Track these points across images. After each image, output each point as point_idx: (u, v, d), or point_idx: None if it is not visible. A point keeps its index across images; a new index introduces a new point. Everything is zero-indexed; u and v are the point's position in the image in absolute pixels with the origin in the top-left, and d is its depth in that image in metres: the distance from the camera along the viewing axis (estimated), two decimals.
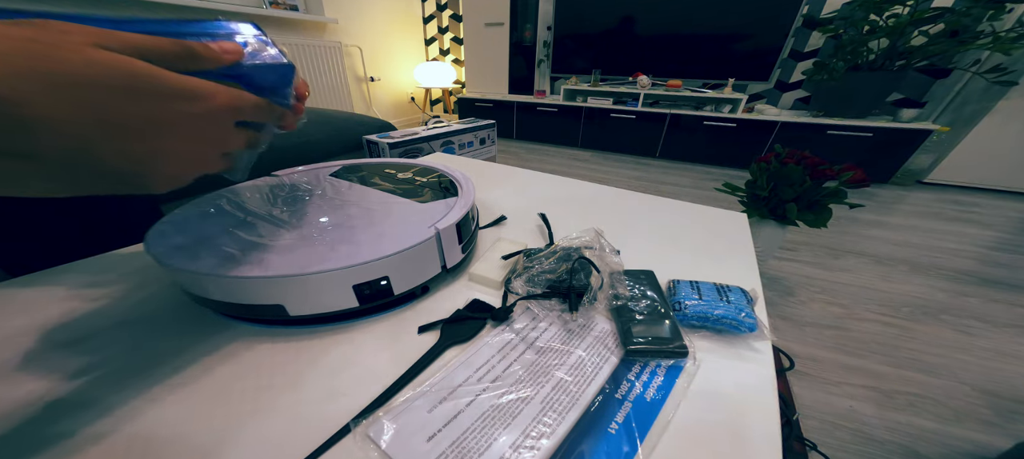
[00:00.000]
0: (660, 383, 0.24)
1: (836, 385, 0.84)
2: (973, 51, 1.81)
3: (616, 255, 0.33)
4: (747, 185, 1.16)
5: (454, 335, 0.27)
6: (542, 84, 3.17)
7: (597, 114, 2.81)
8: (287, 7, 2.45)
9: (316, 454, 0.19)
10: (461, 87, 3.67)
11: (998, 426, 0.75)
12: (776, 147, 1.16)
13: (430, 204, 0.35)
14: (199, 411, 0.22)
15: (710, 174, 2.38)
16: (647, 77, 2.64)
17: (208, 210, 0.33)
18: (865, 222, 1.70)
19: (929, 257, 1.42)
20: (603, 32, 2.76)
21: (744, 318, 0.27)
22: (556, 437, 0.20)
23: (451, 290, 0.33)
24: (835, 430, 0.74)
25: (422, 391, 0.22)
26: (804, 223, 1.05)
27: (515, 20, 2.90)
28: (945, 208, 1.90)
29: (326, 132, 1.15)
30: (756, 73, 2.41)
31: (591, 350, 0.26)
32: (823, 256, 1.40)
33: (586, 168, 2.50)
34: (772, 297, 1.15)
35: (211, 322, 0.29)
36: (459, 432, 0.20)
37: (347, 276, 0.26)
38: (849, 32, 2.00)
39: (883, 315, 1.08)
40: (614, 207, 0.51)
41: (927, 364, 0.91)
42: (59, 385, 0.23)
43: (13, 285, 0.33)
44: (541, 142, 3.20)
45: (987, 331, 1.02)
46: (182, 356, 0.25)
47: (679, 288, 0.31)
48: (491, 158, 1.61)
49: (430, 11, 3.52)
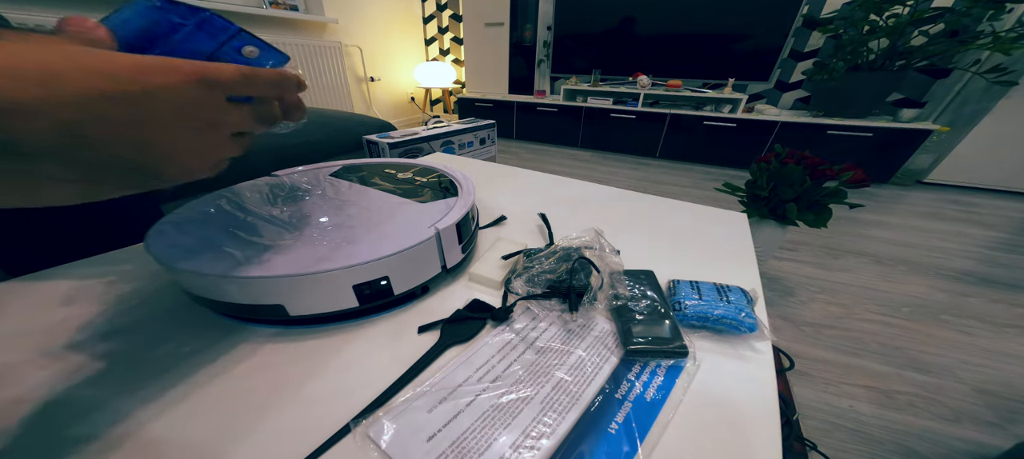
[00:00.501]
0: (660, 383, 0.24)
1: (836, 385, 0.84)
2: (973, 51, 1.81)
3: (616, 255, 0.33)
4: (747, 185, 1.16)
5: (454, 335, 0.27)
6: (542, 84, 3.17)
7: (597, 114, 2.81)
8: (287, 7, 2.45)
9: (316, 454, 0.19)
10: (461, 87, 3.66)
11: (997, 426, 0.75)
12: (776, 147, 1.16)
13: (430, 204, 0.35)
14: (199, 411, 0.22)
15: (710, 174, 2.38)
16: (647, 77, 2.64)
17: (208, 210, 0.33)
18: (865, 222, 1.70)
19: (929, 257, 1.42)
20: (603, 32, 2.76)
21: (744, 318, 0.27)
22: (556, 437, 0.20)
23: (451, 290, 0.33)
24: (835, 430, 0.74)
25: (422, 391, 0.22)
26: (804, 223, 1.05)
27: (515, 20, 2.90)
28: (945, 208, 1.90)
29: (326, 132, 1.15)
30: (756, 73, 2.41)
31: (591, 350, 0.26)
32: (823, 256, 1.40)
33: (586, 168, 2.49)
34: (772, 297, 1.15)
35: (211, 322, 0.29)
36: (459, 432, 0.20)
37: (347, 276, 0.26)
38: (849, 32, 2.00)
39: (883, 315, 1.08)
40: (614, 207, 0.51)
41: (927, 364, 0.91)
42: (59, 385, 0.23)
43: (13, 285, 0.33)
44: (541, 142, 3.20)
45: (987, 331, 1.02)
46: (182, 356, 0.25)
47: (679, 288, 0.31)
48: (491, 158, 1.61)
49: (430, 11, 3.52)
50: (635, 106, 2.66)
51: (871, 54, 1.99)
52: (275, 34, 2.41)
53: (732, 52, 2.43)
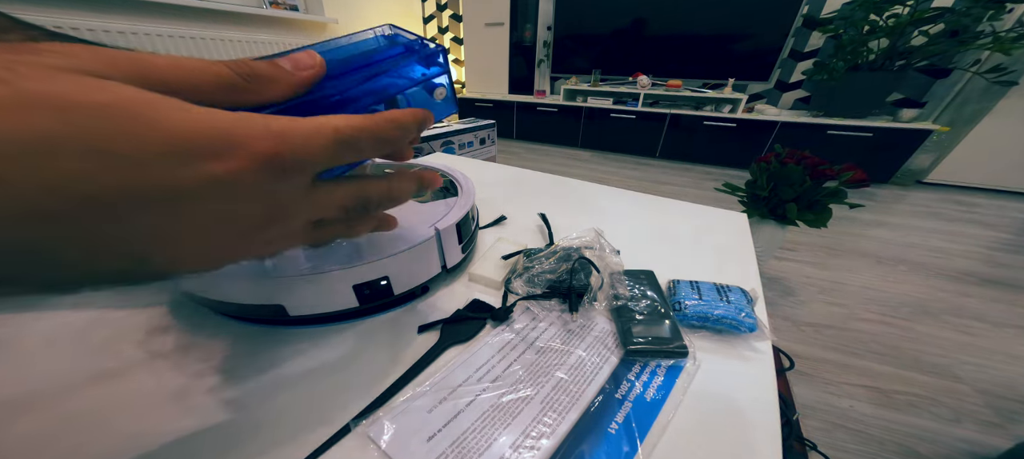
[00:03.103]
0: (660, 383, 0.24)
1: (836, 385, 0.84)
2: (973, 51, 1.81)
3: (616, 255, 0.33)
4: (747, 185, 1.16)
5: (454, 335, 0.27)
6: (542, 84, 3.17)
7: (597, 114, 2.81)
8: (287, 7, 2.45)
9: (316, 454, 0.19)
10: (461, 87, 3.67)
11: (998, 426, 0.75)
12: (776, 147, 1.16)
13: (430, 204, 0.35)
14: (198, 411, 0.22)
15: (710, 174, 2.38)
16: (647, 77, 2.64)
17: None
18: (865, 222, 1.70)
19: (929, 257, 1.42)
20: (603, 32, 2.76)
21: (744, 318, 0.27)
22: (556, 437, 0.20)
23: (451, 290, 0.33)
24: (835, 430, 0.74)
25: (422, 391, 0.22)
26: (804, 223, 1.05)
27: (515, 20, 2.90)
28: (945, 208, 1.90)
29: None
30: (756, 73, 2.42)
31: (591, 350, 0.26)
32: (823, 256, 1.40)
33: (586, 168, 2.49)
34: (772, 297, 1.15)
35: (210, 322, 0.28)
36: (459, 432, 0.20)
37: (347, 276, 0.26)
38: (849, 32, 2.00)
39: (883, 315, 1.08)
40: (614, 207, 0.51)
41: (927, 364, 0.91)
42: (58, 385, 0.23)
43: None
44: (541, 142, 3.20)
45: (987, 331, 1.02)
46: (181, 356, 0.25)
47: (679, 288, 0.31)
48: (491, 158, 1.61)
49: (430, 11, 3.52)
50: (635, 106, 2.66)
51: (871, 54, 1.99)
52: (275, 34, 2.41)
53: (732, 52, 2.43)
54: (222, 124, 0.11)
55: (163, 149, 0.10)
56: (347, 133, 0.14)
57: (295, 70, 0.14)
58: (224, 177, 0.11)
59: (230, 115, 0.11)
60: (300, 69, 0.14)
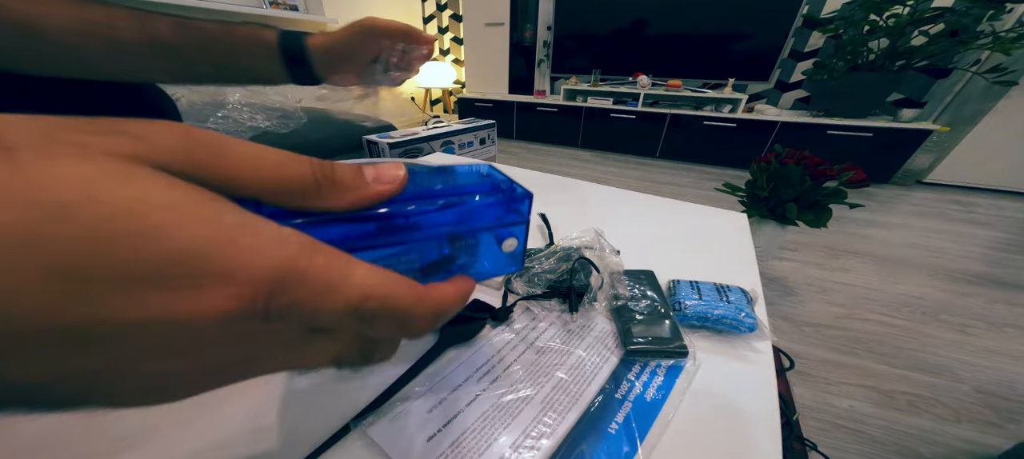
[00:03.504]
0: (660, 383, 0.24)
1: (836, 385, 0.84)
2: (973, 51, 1.81)
3: (616, 255, 0.33)
4: (747, 185, 1.16)
5: (454, 335, 0.27)
6: (542, 84, 3.17)
7: (597, 114, 2.81)
8: (287, 7, 2.45)
9: (316, 454, 0.19)
10: (461, 87, 3.67)
11: (998, 426, 0.75)
12: (776, 147, 1.16)
13: None
14: (198, 411, 0.22)
15: (710, 174, 2.38)
16: (647, 77, 2.64)
17: None
18: (865, 222, 1.70)
19: (929, 257, 1.42)
20: (603, 32, 2.76)
21: (744, 318, 0.27)
22: (556, 437, 0.20)
23: None
24: (835, 430, 0.74)
25: (422, 391, 0.22)
26: (804, 223, 1.05)
27: (515, 20, 2.90)
28: (945, 208, 1.90)
29: (326, 132, 1.15)
30: (756, 73, 2.41)
31: (591, 350, 0.26)
32: (823, 256, 1.40)
33: (586, 168, 2.49)
34: (772, 297, 1.15)
35: None
36: (459, 432, 0.20)
37: None
38: (849, 32, 2.00)
39: (883, 315, 1.08)
40: (614, 207, 0.51)
41: (927, 364, 0.91)
42: None
43: None
44: (541, 142, 3.20)
45: (987, 331, 1.02)
46: None
47: (679, 288, 0.31)
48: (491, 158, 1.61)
49: (430, 11, 3.52)
50: (635, 106, 2.66)
51: (871, 54, 1.99)
52: None
53: (732, 52, 2.43)
54: (226, 250, 0.09)
55: (134, 271, 0.08)
56: (370, 308, 0.11)
57: (375, 183, 0.13)
58: (192, 318, 0.09)
59: (249, 238, 0.09)
60: (382, 183, 0.13)
